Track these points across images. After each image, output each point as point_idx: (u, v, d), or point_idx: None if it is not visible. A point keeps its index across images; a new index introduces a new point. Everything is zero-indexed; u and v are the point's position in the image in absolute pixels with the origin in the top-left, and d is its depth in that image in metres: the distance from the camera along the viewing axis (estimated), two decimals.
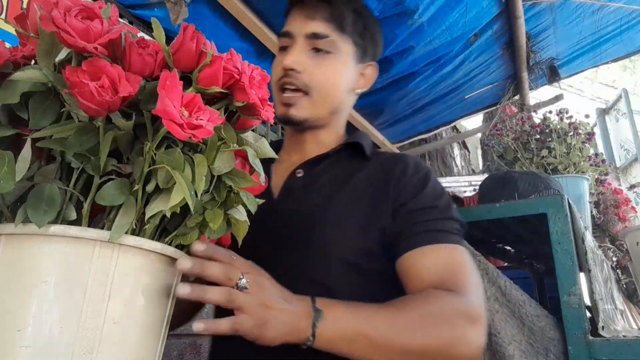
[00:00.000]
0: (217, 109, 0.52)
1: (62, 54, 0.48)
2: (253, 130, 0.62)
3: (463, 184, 3.54)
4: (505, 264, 1.89)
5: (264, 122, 0.61)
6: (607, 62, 3.12)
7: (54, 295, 0.44)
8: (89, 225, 0.48)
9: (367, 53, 0.93)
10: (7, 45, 0.51)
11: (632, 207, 1.96)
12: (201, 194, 0.50)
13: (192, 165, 0.50)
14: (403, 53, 2.51)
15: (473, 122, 4.36)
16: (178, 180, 0.47)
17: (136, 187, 0.48)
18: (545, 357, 0.88)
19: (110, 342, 0.45)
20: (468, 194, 3.42)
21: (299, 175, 0.87)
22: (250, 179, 0.55)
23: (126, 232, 0.48)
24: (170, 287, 0.53)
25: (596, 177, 1.64)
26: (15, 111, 0.48)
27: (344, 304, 0.66)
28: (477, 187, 1.43)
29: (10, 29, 1.46)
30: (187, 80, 0.52)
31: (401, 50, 2.48)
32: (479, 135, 4.25)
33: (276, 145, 0.97)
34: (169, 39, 0.52)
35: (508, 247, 1.50)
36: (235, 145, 0.55)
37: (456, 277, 0.73)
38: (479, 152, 5.01)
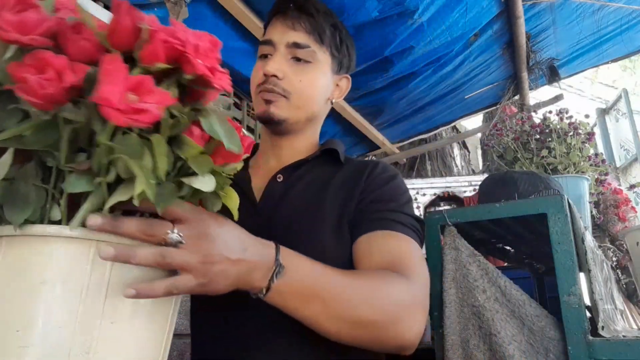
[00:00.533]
0: (168, 87, 0.50)
1: (9, 52, 0.46)
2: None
3: (463, 184, 3.54)
4: (505, 264, 1.89)
5: (238, 107, 0.59)
6: (607, 62, 3.12)
7: (51, 296, 0.44)
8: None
9: (342, 65, 0.99)
10: None
11: (632, 207, 1.96)
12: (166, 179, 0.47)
13: (152, 149, 0.47)
14: (403, 53, 2.51)
15: (473, 122, 4.37)
16: (134, 169, 0.45)
17: (98, 179, 0.46)
18: (545, 357, 0.88)
19: (108, 342, 0.45)
20: (468, 194, 3.42)
21: (280, 180, 0.91)
22: (208, 162, 0.51)
23: None
24: None
25: (596, 177, 1.64)
26: None
27: (308, 261, 0.66)
28: (477, 187, 1.43)
29: None
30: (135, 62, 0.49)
31: (401, 50, 2.48)
32: (479, 135, 4.25)
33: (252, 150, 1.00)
34: None
35: (508, 247, 1.50)
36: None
37: (404, 264, 0.75)
38: (479, 152, 5.01)
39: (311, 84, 0.91)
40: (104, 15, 0.51)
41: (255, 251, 0.59)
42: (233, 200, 0.55)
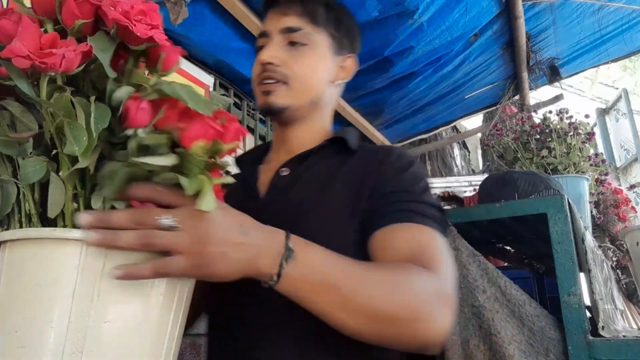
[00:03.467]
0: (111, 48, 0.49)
1: None
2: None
3: (463, 184, 3.54)
4: (505, 264, 1.89)
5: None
6: (607, 62, 3.12)
7: (45, 297, 0.44)
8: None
9: (343, 45, 0.94)
10: None
11: (632, 207, 1.96)
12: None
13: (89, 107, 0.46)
14: (403, 53, 2.50)
15: (473, 122, 4.36)
16: (67, 126, 0.44)
17: (55, 151, 0.46)
18: (545, 357, 0.88)
19: (103, 342, 0.45)
20: (468, 194, 3.42)
21: (284, 173, 0.88)
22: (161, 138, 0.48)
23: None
24: (175, 286, 0.52)
25: (596, 177, 1.64)
26: None
27: (321, 249, 0.61)
28: (477, 187, 1.43)
29: None
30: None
31: (401, 50, 2.47)
32: (479, 135, 4.25)
33: (266, 148, 0.98)
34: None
35: (508, 247, 1.50)
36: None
37: (427, 257, 0.69)
38: (479, 152, 5.01)
39: (310, 66, 0.88)
40: None
41: (259, 234, 0.56)
42: (205, 185, 0.49)
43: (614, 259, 1.80)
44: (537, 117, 1.58)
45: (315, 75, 0.89)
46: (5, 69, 0.46)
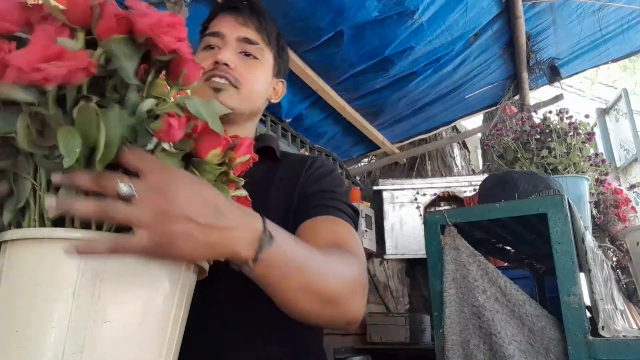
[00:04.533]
0: (151, 70, 0.51)
1: None
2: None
3: (463, 184, 3.54)
4: (505, 264, 1.89)
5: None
6: (607, 62, 3.12)
7: (45, 297, 0.45)
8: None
9: (280, 70, 1.03)
10: None
11: (632, 207, 1.96)
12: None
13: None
14: (403, 53, 2.51)
15: (473, 122, 4.36)
16: (60, 134, 0.45)
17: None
18: (545, 357, 0.88)
19: (103, 342, 0.45)
20: (468, 194, 3.42)
21: None
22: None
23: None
24: (175, 286, 0.52)
25: (596, 177, 1.64)
26: None
27: (288, 233, 0.64)
28: (477, 187, 1.43)
29: None
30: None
31: (401, 50, 2.48)
32: (479, 135, 4.25)
33: None
34: None
35: (508, 247, 1.50)
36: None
37: (347, 245, 0.79)
38: (479, 152, 5.01)
39: (258, 79, 0.95)
40: None
41: (236, 217, 0.53)
42: (224, 193, 0.56)
43: (614, 259, 1.80)
44: (537, 117, 1.58)
45: (260, 88, 0.96)
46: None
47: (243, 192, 0.60)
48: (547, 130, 1.50)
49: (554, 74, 3.17)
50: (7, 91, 0.45)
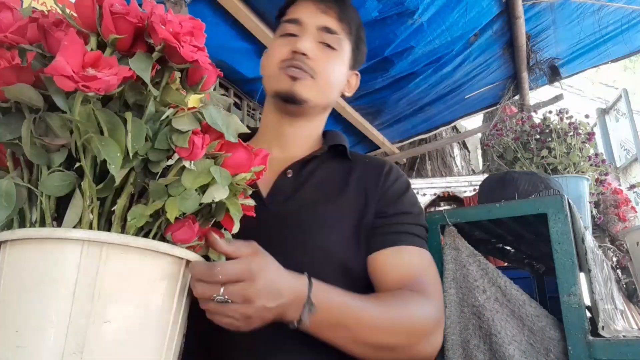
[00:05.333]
0: (164, 72, 0.51)
1: None
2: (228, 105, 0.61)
3: (463, 184, 3.54)
4: (505, 264, 1.89)
5: (238, 107, 0.61)
6: (607, 62, 3.12)
7: (45, 297, 0.45)
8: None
9: (357, 62, 0.98)
10: None
11: (632, 207, 1.96)
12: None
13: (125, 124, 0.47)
14: (403, 53, 2.51)
15: (473, 122, 4.36)
16: (94, 143, 0.45)
17: (80, 164, 0.47)
18: (545, 357, 0.88)
19: (102, 342, 0.45)
20: (468, 194, 3.42)
21: (289, 175, 0.88)
22: (184, 140, 0.51)
23: (113, 230, 0.48)
24: (174, 287, 0.52)
25: (596, 177, 1.64)
26: None
27: (337, 294, 0.69)
28: (477, 187, 1.43)
29: None
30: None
31: (401, 50, 2.48)
32: (479, 135, 4.25)
33: (245, 137, 0.98)
34: None
35: (508, 247, 1.50)
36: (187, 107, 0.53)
37: (423, 280, 0.80)
38: (479, 152, 5.01)
39: (335, 71, 0.90)
40: None
41: (288, 293, 0.62)
42: (237, 210, 0.57)
43: (614, 259, 1.80)
44: (537, 117, 1.58)
45: (336, 81, 0.92)
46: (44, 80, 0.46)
47: (251, 202, 0.61)
48: (547, 130, 1.50)
49: (554, 74, 3.17)
50: (28, 97, 0.45)
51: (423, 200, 3.53)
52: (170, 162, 0.52)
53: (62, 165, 0.48)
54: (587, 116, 1.61)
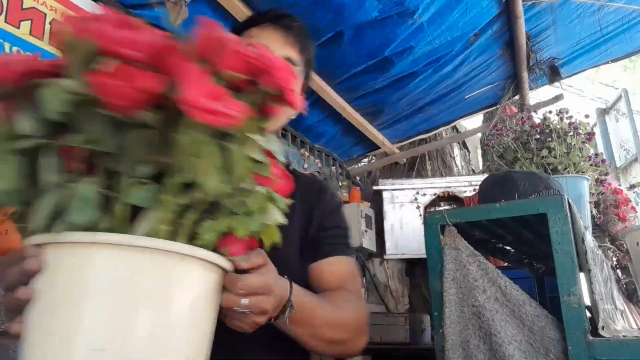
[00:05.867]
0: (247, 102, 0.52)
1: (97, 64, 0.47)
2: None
3: (463, 184, 3.53)
4: (505, 264, 1.89)
5: None
6: (607, 62, 3.12)
7: (78, 299, 0.44)
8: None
9: (302, 89, 1.04)
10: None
11: (632, 207, 1.96)
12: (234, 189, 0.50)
13: (223, 152, 0.49)
14: (403, 53, 2.51)
15: (473, 122, 4.36)
16: (200, 166, 0.47)
17: (171, 180, 0.48)
18: (545, 357, 0.88)
19: (133, 345, 0.45)
20: (468, 194, 3.42)
21: None
22: (267, 169, 0.55)
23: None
24: (213, 294, 0.53)
25: (596, 177, 1.64)
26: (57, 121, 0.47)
27: (308, 296, 0.80)
28: (477, 187, 1.43)
29: (10, 29, 1.46)
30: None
31: (401, 50, 2.48)
32: (479, 135, 4.24)
33: None
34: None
35: (508, 247, 1.50)
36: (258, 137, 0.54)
37: (354, 284, 0.98)
38: (479, 152, 5.01)
39: None
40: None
41: (279, 293, 0.67)
42: (274, 236, 0.59)
43: (614, 259, 1.80)
44: (537, 117, 1.58)
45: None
46: (166, 117, 0.47)
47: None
48: (547, 130, 1.50)
49: (554, 74, 3.17)
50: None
51: (423, 200, 3.53)
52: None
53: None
54: (587, 116, 1.61)
